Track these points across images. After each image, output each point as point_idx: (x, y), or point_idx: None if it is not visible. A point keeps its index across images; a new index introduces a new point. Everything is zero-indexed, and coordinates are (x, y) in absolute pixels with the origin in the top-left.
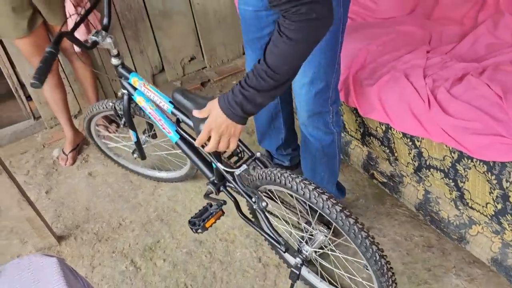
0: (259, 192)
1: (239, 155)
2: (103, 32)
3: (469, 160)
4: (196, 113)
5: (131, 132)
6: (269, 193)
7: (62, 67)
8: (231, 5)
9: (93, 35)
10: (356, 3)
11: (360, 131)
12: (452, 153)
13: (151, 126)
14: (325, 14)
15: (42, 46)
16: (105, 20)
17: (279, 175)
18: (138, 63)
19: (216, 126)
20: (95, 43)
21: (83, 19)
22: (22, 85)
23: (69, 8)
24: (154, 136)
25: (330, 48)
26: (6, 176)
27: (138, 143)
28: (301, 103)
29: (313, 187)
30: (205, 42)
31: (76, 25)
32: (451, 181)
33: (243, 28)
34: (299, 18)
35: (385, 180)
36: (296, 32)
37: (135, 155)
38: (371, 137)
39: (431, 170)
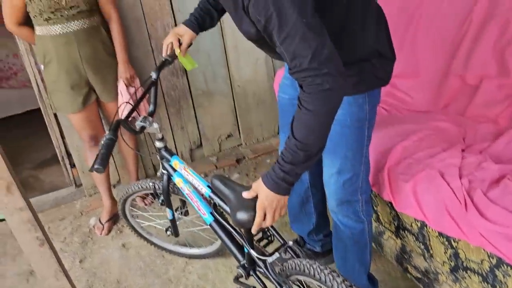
0: (290, 282)
1: (269, 238)
2: (150, 118)
3: (509, 267)
4: (245, 194)
5: (167, 210)
6: (299, 283)
7: None
8: (269, 88)
9: (140, 121)
10: (392, 96)
11: (394, 224)
12: (491, 258)
13: (183, 203)
14: (337, 85)
15: (92, 121)
16: (151, 107)
17: (308, 266)
18: (178, 138)
19: (268, 203)
20: (142, 128)
21: (135, 106)
22: (69, 155)
23: (121, 87)
24: (187, 213)
25: (355, 141)
26: (48, 247)
27: (173, 220)
28: (330, 191)
29: (341, 280)
30: (242, 121)
31: (130, 113)
32: (489, 286)
33: (280, 113)
34: (314, 89)
35: (419, 276)
36: (312, 103)
37: (168, 232)
38: (406, 231)
39: (468, 272)
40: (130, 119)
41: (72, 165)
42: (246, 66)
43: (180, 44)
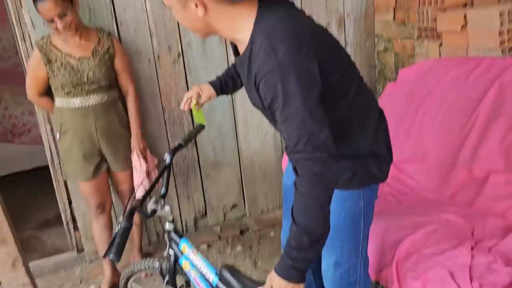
0: None
1: None
2: (162, 201)
3: None
4: None
5: None
6: None
7: (114, 207)
8: (276, 161)
9: (152, 204)
10: (399, 181)
11: None
12: None
13: (187, 283)
14: (328, 169)
15: (101, 189)
16: (163, 190)
17: None
18: (183, 207)
19: None
20: (153, 212)
21: (149, 192)
22: (74, 219)
23: (135, 160)
24: None
25: (351, 235)
26: None
27: None
28: (328, 282)
29: None
30: (248, 192)
31: (144, 198)
32: None
33: (284, 197)
34: (306, 172)
35: None
36: (305, 185)
37: None
38: None
39: None
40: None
41: (76, 229)
42: (255, 139)
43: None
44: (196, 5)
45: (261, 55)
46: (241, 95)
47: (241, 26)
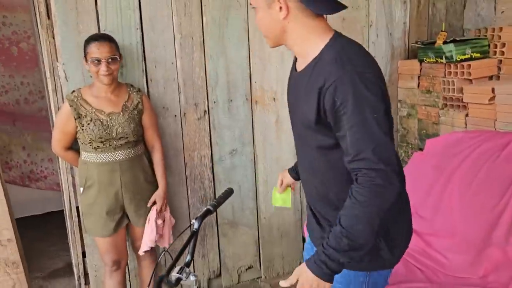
0: None
1: None
2: (187, 269)
3: None
4: (282, 282)
5: None
6: None
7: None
8: (295, 222)
9: (177, 272)
10: (427, 256)
11: None
12: None
13: None
14: (389, 184)
15: (119, 246)
16: (189, 257)
17: None
18: (198, 266)
19: (308, 285)
20: (178, 280)
21: (176, 259)
22: (86, 274)
23: (152, 215)
24: None
25: None
26: None
27: None
28: None
29: None
30: (264, 253)
31: (171, 267)
32: None
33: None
34: (366, 183)
35: None
36: (363, 194)
37: None
38: None
39: None
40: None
41: (87, 283)
42: None
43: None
44: (281, 8)
45: (331, 64)
46: (263, 154)
47: (314, 42)
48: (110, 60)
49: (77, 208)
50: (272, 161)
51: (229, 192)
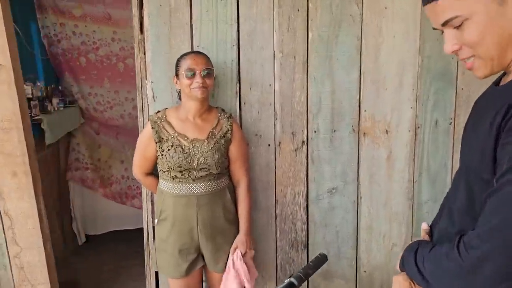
0: None
1: None
2: None
3: None
4: None
5: None
6: None
7: None
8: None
9: None
10: None
11: None
12: None
13: None
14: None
15: None
16: None
17: None
18: None
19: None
20: None
21: None
22: None
23: (233, 262)
24: None
25: None
26: None
27: None
28: None
29: None
30: None
31: None
32: None
33: None
34: (490, 265)
35: None
36: (478, 282)
37: None
38: None
39: None
40: None
41: None
42: (379, 250)
43: None
44: None
45: None
46: (368, 196)
47: None
48: (206, 73)
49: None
50: (379, 204)
51: (321, 260)
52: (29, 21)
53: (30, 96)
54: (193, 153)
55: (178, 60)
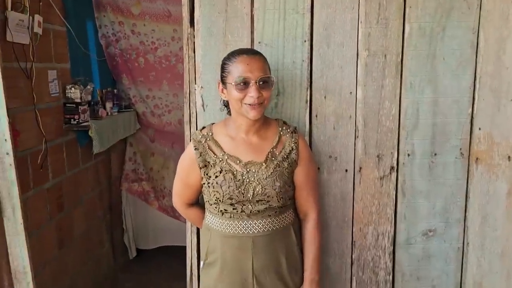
0: None
1: None
2: None
3: None
4: None
5: None
6: None
7: None
8: None
9: None
10: None
11: None
12: None
13: None
14: None
15: None
16: None
17: None
18: None
19: None
20: None
21: None
22: None
23: None
24: None
25: None
26: None
27: None
28: None
29: None
30: None
31: None
32: None
33: None
34: None
35: None
36: None
37: None
38: None
39: None
40: None
41: None
42: None
43: None
44: None
45: None
46: (480, 243)
47: None
48: (262, 82)
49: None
50: (494, 255)
51: None
52: (85, 19)
53: (79, 100)
54: (247, 180)
55: (225, 63)
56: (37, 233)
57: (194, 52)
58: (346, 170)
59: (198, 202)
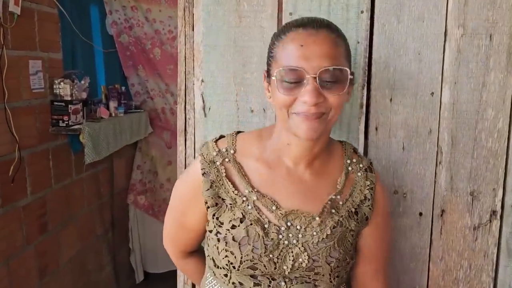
0: None
1: None
2: None
3: None
4: None
5: None
6: None
7: None
8: None
9: None
10: None
11: None
12: None
13: None
14: None
15: None
16: None
17: None
18: None
19: None
20: None
21: None
22: None
23: None
24: None
25: None
26: None
27: None
28: None
29: None
30: None
31: None
32: None
33: None
34: None
35: None
36: None
37: None
38: None
39: None
40: None
41: None
42: None
43: None
44: None
45: None
46: None
47: None
48: (328, 79)
49: None
50: None
51: None
52: (88, 3)
53: (69, 98)
54: (286, 242)
55: (273, 42)
56: (7, 263)
57: (193, 29)
58: (421, 214)
59: (199, 249)
